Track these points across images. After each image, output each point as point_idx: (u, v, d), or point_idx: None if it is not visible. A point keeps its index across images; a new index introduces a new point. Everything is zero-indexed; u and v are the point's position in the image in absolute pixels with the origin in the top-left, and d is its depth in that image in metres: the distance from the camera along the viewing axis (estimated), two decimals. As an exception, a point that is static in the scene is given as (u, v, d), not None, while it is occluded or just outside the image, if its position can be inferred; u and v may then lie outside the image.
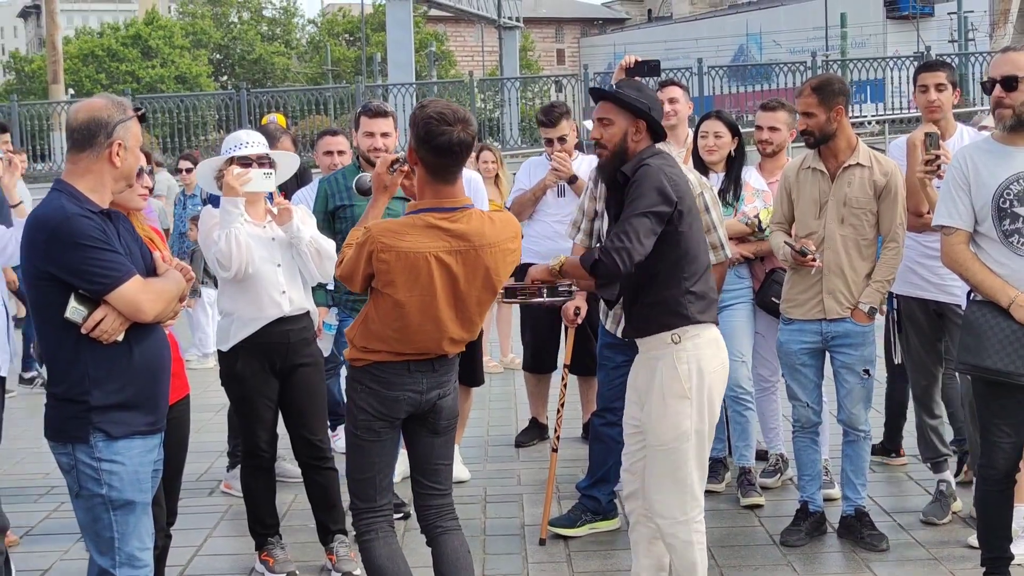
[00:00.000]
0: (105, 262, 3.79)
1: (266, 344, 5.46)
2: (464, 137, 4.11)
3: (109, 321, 3.81)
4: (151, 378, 3.96)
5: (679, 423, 4.57)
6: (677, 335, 4.58)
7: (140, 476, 3.92)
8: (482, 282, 4.24)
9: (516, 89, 29.75)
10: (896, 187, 5.66)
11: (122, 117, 3.91)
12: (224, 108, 27.41)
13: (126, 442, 3.88)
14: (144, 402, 3.93)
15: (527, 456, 7.73)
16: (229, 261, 5.33)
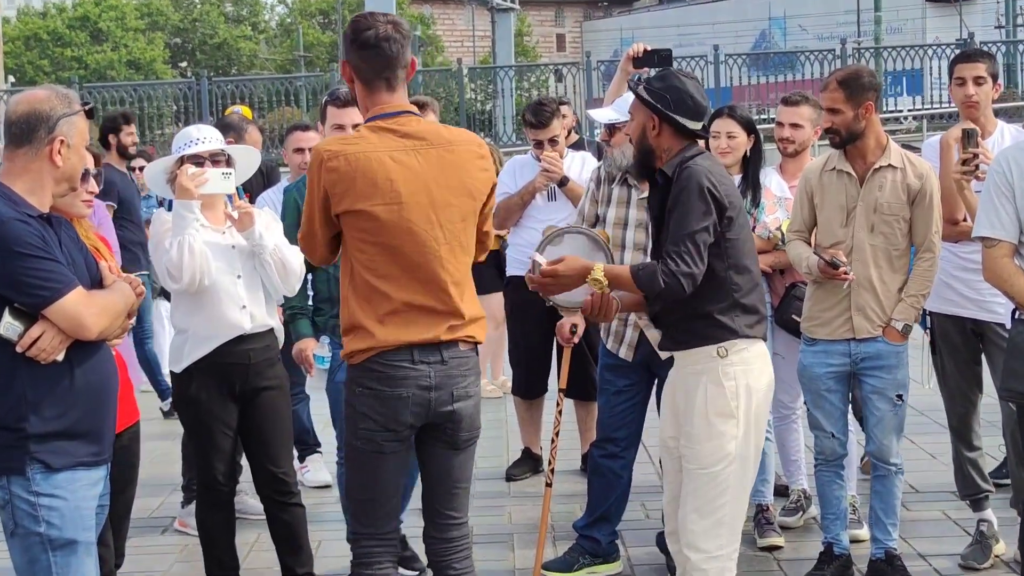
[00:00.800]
0: (44, 272, 3.80)
1: (224, 365, 5.47)
2: (391, 32, 4.24)
3: (48, 338, 3.83)
4: (96, 403, 3.97)
5: (723, 445, 4.63)
6: (724, 348, 4.65)
7: (83, 512, 3.93)
8: (457, 186, 4.28)
9: (511, 79, 29.84)
10: (931, 191, 5.68)
11: (66, 111, 3.94)
12: (183, 98, 27.49)
13: (68, 474, 3.89)
14: (88, 430, 3.94)
15: (519, 491, 7.74)
16: (180, 272, 5.34)
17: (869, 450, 5.86)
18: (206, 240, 5.43)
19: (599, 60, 30.61)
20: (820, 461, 5.95)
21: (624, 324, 6.03)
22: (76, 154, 3.97)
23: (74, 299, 3.84)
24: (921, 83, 28.33)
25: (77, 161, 3.99)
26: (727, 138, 6.53)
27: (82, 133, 3.99)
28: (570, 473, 7.94)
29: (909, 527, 6.50)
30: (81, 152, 4.00)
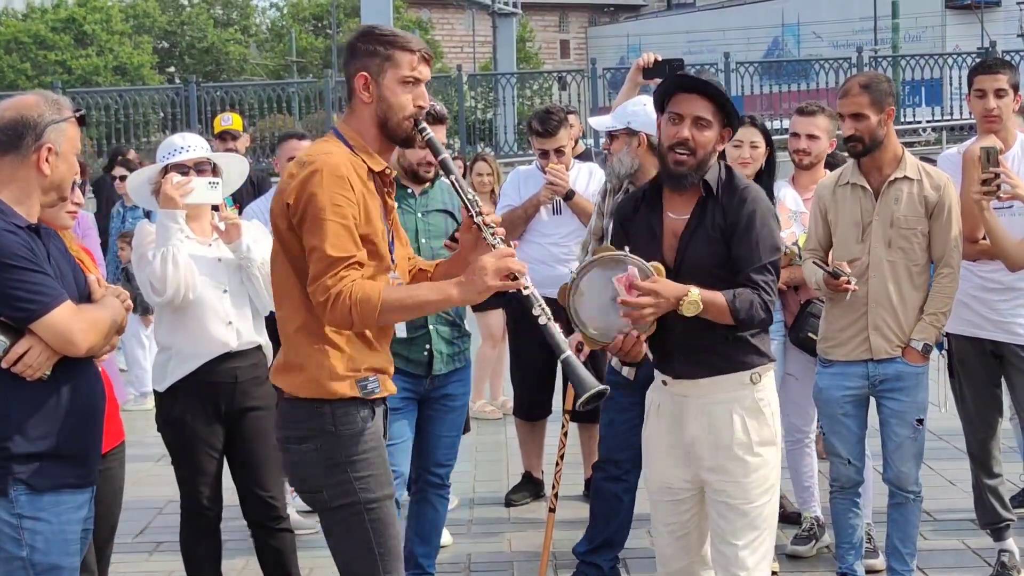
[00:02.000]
0: (32, 285, 3.81)
1: (210, 384, 5.47)
2: None
3: (35, 354, 3.83)
4: (82, 422, 3.98)
5: (767, 475, 4.59)
6: (757, 374, 4.61)
7: (68, 536, 3.93)
8: None
9: (512, 86, 29.84)
10: (950, 203, 5.68)
11: (55, 118, 3.94)
12: (170, 105, 27.46)
13: (52, 497, 3.89)
14: (74, 451, 3.94)
15: (519, 517, 7.73)
16: (163, 285, 5.35)
17: (887, 477, 5.86)
18: (191, 252, 5.44)
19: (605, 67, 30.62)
20: (835, 488, 5.94)
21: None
22: (65, 163, 3.97)
23: (63, 314, 3.84)
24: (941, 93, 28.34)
25: (66, 170, 3.99)
26: (750, 147, 6.54)
27: (72, 141, 3.98)
28: (573, 499, 7.93)
29: (927, 557, 6.50)
30: (70, 161, 4.00)
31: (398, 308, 4.05)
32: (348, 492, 4.12)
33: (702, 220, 4.59)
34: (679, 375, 4.66)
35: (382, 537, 4.14)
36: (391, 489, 4.20)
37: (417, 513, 6.01)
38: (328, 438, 4.11)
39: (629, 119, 5.96)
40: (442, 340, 5.84)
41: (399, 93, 4.14)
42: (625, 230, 4.75)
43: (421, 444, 5.89)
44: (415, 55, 4.15)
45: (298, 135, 7.68)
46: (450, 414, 5.96)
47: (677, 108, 4.59)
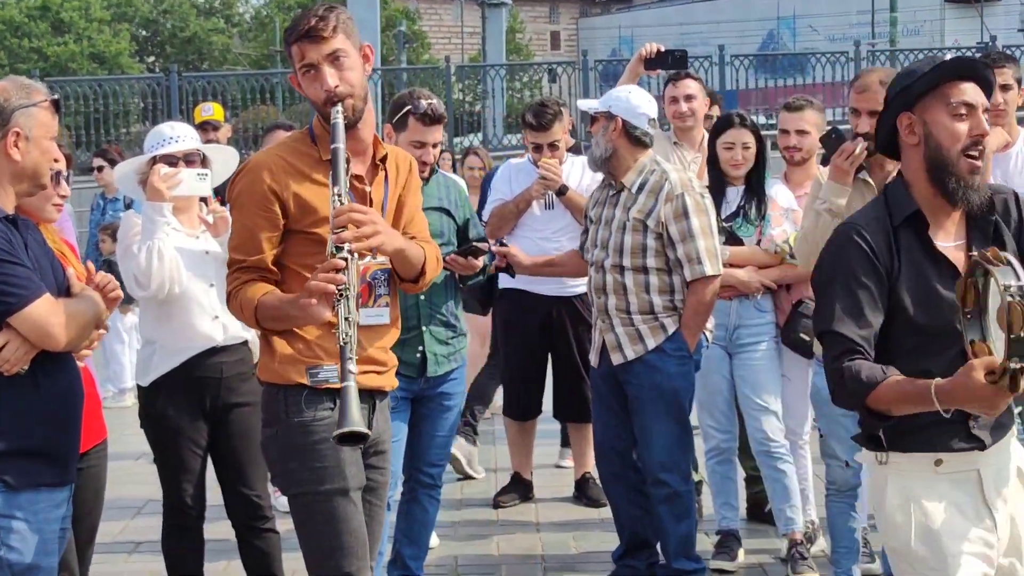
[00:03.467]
0: (9, 278, 3.80)
1: (194, 379, 5.47)
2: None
3: (12, 348, 3.82)
4: (61, 420, 3.97)
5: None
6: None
7: (46, 536, 3.92)
8: None
9: (502, 78, 29.83)
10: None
11: (24, 102, 3.92)
12: (151, 95, 27.34)
13: (30, 495, 3.88)
14: (52, 448, 3.93)
15: (507, 519, 7.73)
16: (148, 279, 5.34)
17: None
18: (178, 245, 5.43)
19: (596, 59, 30.61)
20: (832, 491, 5.96)
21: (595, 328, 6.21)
22: (37, 148, 3.95)
23: (41, 307, 3.83)
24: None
25: (39, 156, 3.96)
26: (742, 149, 6.56)
27: (44, 126, 3.96)
28: (561, 501, 7.95)
29: (925, 562, 6.47)
30: (44, 147, 3.97)
31: (269, 319, 4.06)
32: (299, 481, 4.12)
33: (985, 246, 3.51)
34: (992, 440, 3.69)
35: (333, 531, 4.08)
36: (345, 483, 4.09)
37: (407, 513, 6.01)
38: (283, 425, 4.12)
39: (611, 103, 6.04)
40: (436, 341, 5.84)
41: (306, 87, 4.11)
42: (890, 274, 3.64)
43: (414, 444, 5.90)
44: (297, 45, 4.07)
45: (285, 126, 7.68)
46: (444, 413, 5.97)
47: (963, 97, 3.65)
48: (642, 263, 5.96)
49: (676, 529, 6.04)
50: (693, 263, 5.88)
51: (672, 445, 6.00)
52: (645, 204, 5.95)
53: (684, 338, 5.96)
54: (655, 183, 5.97)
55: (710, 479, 6.81)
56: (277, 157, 4.14)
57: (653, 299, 5.97)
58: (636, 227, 5.96)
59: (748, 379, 6.53)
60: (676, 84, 7.26)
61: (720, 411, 6.64)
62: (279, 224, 4.09)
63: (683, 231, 5.88)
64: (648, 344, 5.96)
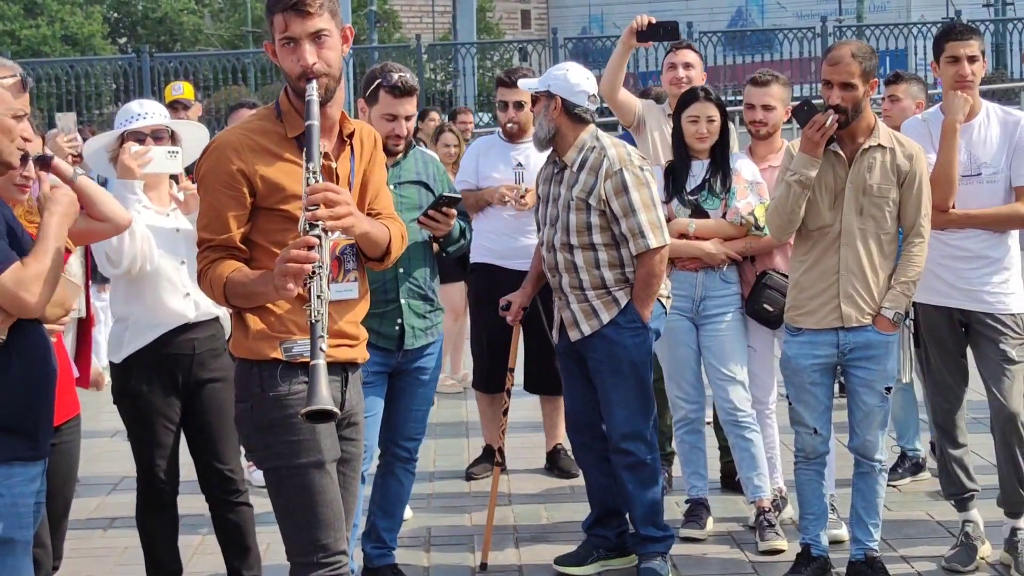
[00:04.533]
0: None
1: (167, 356, 5.46)
2: None
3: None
4: (34, 394, 3.96)
5: None
6: None
7: (20, 510, 3.92)
8: None
9: (473, 56, 29.80)
10: (920, 172, 5.73)
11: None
12: (123, 76, 27.26)
13: (3, 469, 3.89)
14: (25, 422, 3.93)
15: (480, 491, 7.73)
16: (120, 256, 5.32)
17: (852, 445, 5.90)
18: (148, 223, 5.41)
19: (566, 37, 30.59)
20: (800, 459, 5.98)
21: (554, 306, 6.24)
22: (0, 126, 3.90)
23: (11, 276, 3.82)
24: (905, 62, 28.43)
25: (2, 134, 3.92)
26: (707, 122, 6.57)
27: (4, 102, 3.92)
28: (533, 472, 7.97)
29: (891, 528, 6.54)
30: (4, 123, 3.92)
31: (237, 296, 4.05)
32: (274, 455, 4.12)
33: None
34: None
35: (309, 504, 4.08)
36: (320, 456, 4.09)
37: (382, 486, 6.02)
38: (257, 400, 4.11)
39: (550, 82, 6.05)
40: (414, 314, 5.83)
41: (283, 58, 4.06)
42: None
43: (391, 417, 5.89)
44: (282, 15, 3.99)
45: (249, 104, 7.66)
46: (421, 388, 5.96)
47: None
48: (589, 240, 5.96)
49: (642, 497, 6.06)
50: (637, 237, 5.89)
51: (634, 415, 6.02)
52: (586, 182, 5.95)
53: (637, 310, 5.98)
54: (595, 160, 5.96)
55: (679, 449, 6.84)
56: (242, 135, 4.11)
57: (604, 274, 5.97)
58: (579, 206, 5.96)
59: (714, 350, 6.55)
60: (676, 52, 7.31)
61: (688, 382, 6.66)
62: (246, 203, 4.07)
63: (624, 206, 5.88)
64: (603, 318, 5.98)
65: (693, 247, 6.45)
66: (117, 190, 5.40)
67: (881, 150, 5.73)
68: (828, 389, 5.93)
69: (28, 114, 4.05)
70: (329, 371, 3.94)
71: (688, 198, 6.54)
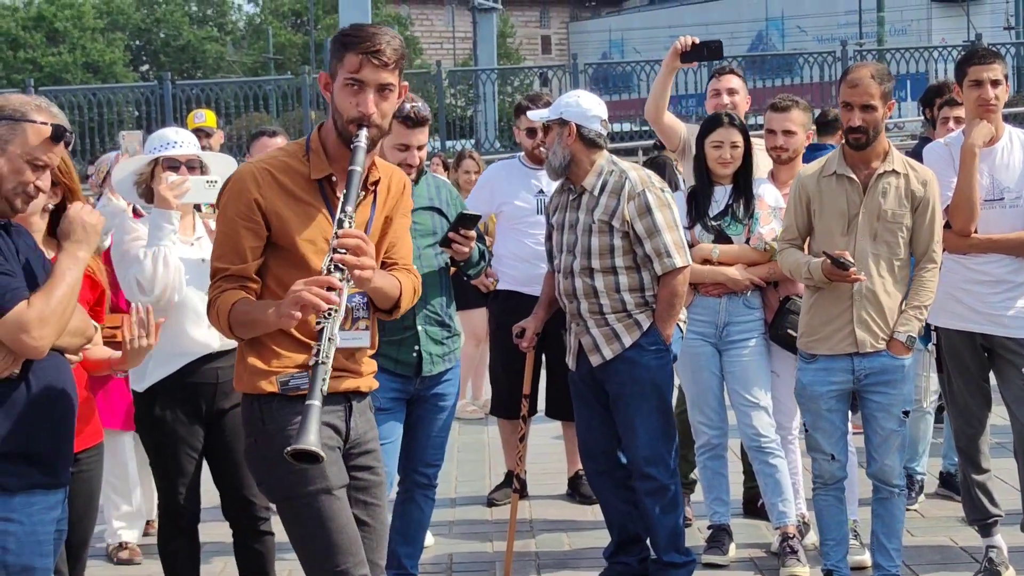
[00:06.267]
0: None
1: (190, 384, 5.47)
2: None
3: (1, 353, 3.82)
4: (53, 422, 3.96)
5: None
6: None
7: (40, 537, 3.93)
8: None
9: (493, 82, 29.87)
10: (934, 198, 5.73)
11: (13, 115, 3.89)
12: (144, 103, 27.41)
13: (24, 497, 3.89)
14: (45, 451, 3.93)
15: (502, 517, 7.72)
16: (152, 284, 5.34)
17: (871, 472, 5.89)
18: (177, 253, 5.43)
19: (587, 63, 30.68)
20: (819, 485, 5.97)
21: (568, 332, 6.20)
22: (9, 164, 3.89)
23: (15, 315, 3.80)
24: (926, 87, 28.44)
25: (8, 170, 3.89)
26: (731, 148, 6.56)
27: (25, 145, 3.89)
28: (555, 498, 7.95)
29: (914, 553, 6.53)
30: (16, 165, 3.89)
31: (239, 324, 4.07)
32: (283, 487, 4.13)
33: None
34: None
35: (323, 531, 4.10)
36: (327, 483, 4.10)
37: (402, 513, 6.02)
38: (260, 434, 4.15)
39: (562, 109, 6.05)
40: (431, 341, 5.84)
41: (342, 96, 4.07)
42: None
43: (410, 444, 5.90)
44: (359, 56, 4.02)
45: (269, 132, 7.67)
46: (440, 414, 5.96)
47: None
48: (611, 264, 5.97)
49: (664, 522, 6.06)
50: (663, 257, 5.90)
51: (656, 439, 6.02)
52: (608, 205, 5.96)
53: (659, 331, 5.98)
54: (615, 183, 5.98)
55: (701, 475, 6.82)
56: (265, 171, 4.12)
57: (625, 298, 5.98)
58: (602, 228, 5.97)
59: (738, 375, 6.54)
60: (720, 78, 7.31)
61: (711, 408, 6.65)
62: (263, 235, 4.09)
63: (649, 227, 5.90)
64: (624, 342, 5.98)
65: (717, 272, 6.45)
66: (153, 219, 5.43)
67: (895, 175, 5.73)
68: (844, 415, 5.92)
69: (52, 166, 4.01)
70: (330, 401, 4.01)
71: (711, 224, 6.54)
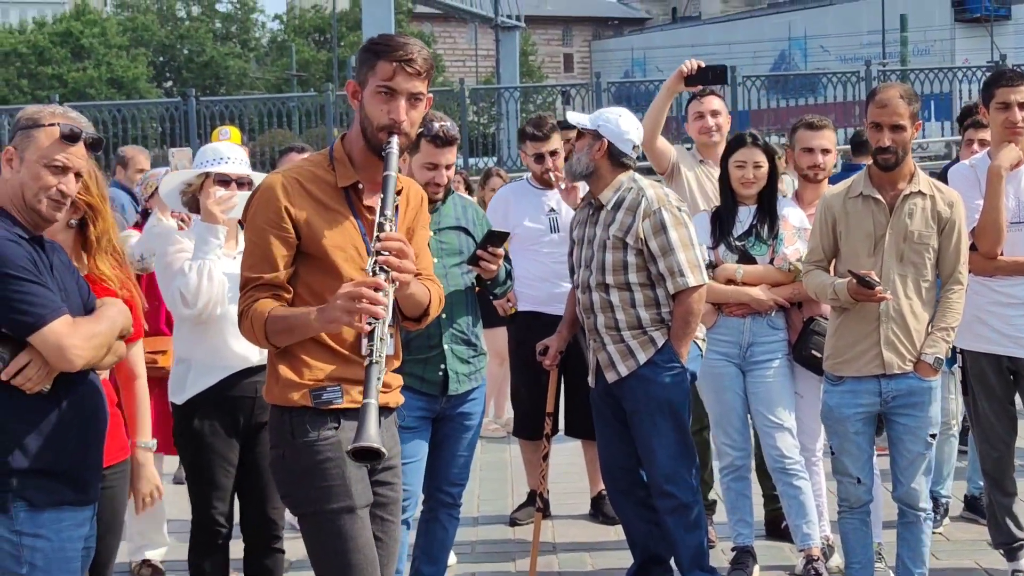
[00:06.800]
0: (32, 297, 3.81)
1: (230, 398, 5.47)
2: None
3: (34, 367, 3.83)
4: (83, 438, 3.98)
5: None
6: None
7: (68, 554, 3.94)
8: None
9: (516, 100, 29.91)
10: (959, 220, 5.72)
11: (28, 123, 3.92)
12: (168, 119, 27.52)
13: (53, 514, 3.90)
14: (74, 467, 3.94)
15: (524, 537, 7.71)
16: (196, 297, 5.37)
17: (897, 495, 5.86)
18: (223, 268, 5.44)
19: (609, 81, 30.72)
20: (844, 508, 5.94)
21: (587, 348, 6.20)
22: (28, 172, 3.91)
23: (59, 328, 3.84)
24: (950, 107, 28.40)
25: (28, 177, 3.91)
26: (754, 168, 6.54)
27: (38, 148, 3.90)
28: (578, 518, 7.93)
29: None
30: (35, 171, 3.90)
31: (277, 332, 4.07)
32: (306, 501, 4.15)
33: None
34: None
35: (341, 550, 4.10)
36: (352, 501, 4.12)
37: (427, 532, 6.01)
38: (288, 446, 4.15)
39: (600, 123, 6.05)
40: (457, 359, 5.84)
41: (373, 103, 4.10)
42: None
43: (434, 463, 5.89)
44: (392, 64, 4.06)
45: (298, 148, 7.69)
46: (465, 433, 5.96)
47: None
48: (625, 280, 5.97)
49: (687, 541, 6.03)
50: (675, 276, 5.89)
51: (674, 457, 6.00)
52: (623, 221, 5.96)
53: (674, 349, 5.97)
54: (632, 200, 5.98)
55: (725, 496, 6.80)
56: (293, 180, 4.14)
57: (640, 314, 5.97)
58: (616, 245, 5.97)
59: (762, 396, 6.52)
60: (701, 100, 7.26)
61: (734, 428, 6.62)
62: (293, 243, 4.10)
63: (663, 245, 5.89)
64: (639, 359, 5.97)
65: (741, 293, 6.44)
66: (199, 233, 5.46)
67: (921, 196, 5.72)
68: (870, 438, 5.90)
69: (74, 168, 4.01)
70: (317, 416, 4.07)
71: (735, 244, 6.53)
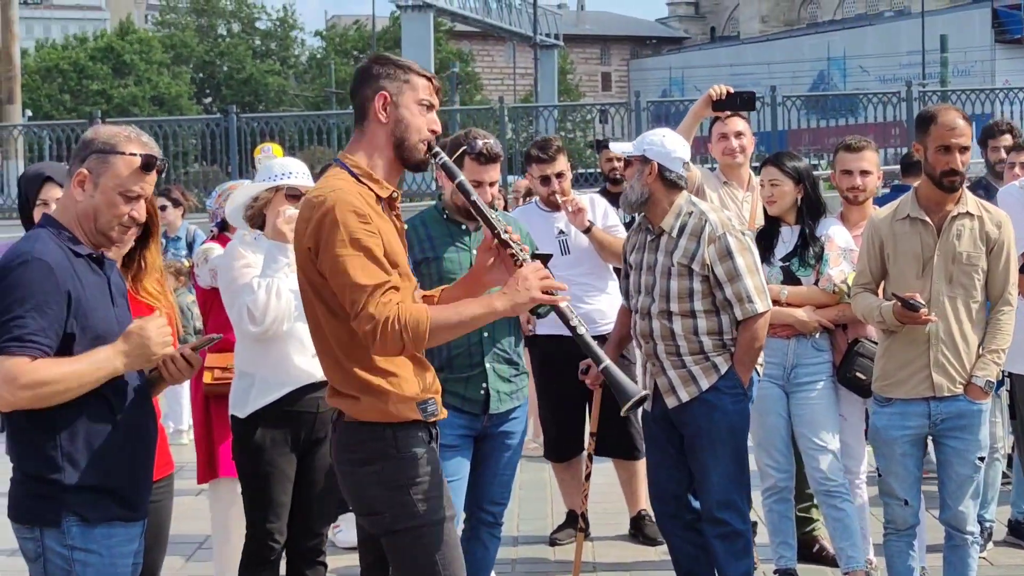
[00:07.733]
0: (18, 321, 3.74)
1: (292, 413, 5.49)
2: None
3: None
4: (135, 455, 3.99)
5: None
6: None
7: (118, 570, 3.95)
8: None
9: (554, 118, 29.93)
10: (1009, 240, 5.69)
11: (105, 147, 3.94)
12: (209, 136, 27.61)
13: (105, 529, 3.91)
14: (126, 483, 3.96)
15: (564, 557, 7.70)
16: (264, 315, 5.39)
17: (943, 518, 5.82)
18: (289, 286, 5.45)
19: (648, 100, 30.67)
20: (891, 531, 5.90)
21: (644, 371, 6.13)
22: (102, 196, 3.92)
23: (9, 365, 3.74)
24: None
25: (102, 205, 3.93)
26: (770, 186, 6.56)
27: (117, 177, 3.92)
28: (618, 539, 7.90)
29: (984, 603, 6.44)
30: (110, 198, 3.92)
31: (446, 327, 4.08)
32: (411, 515, 4.19)
33: None
34: None
35: (447, 559, 4.21)
36: (452, 511, 4.27)
37: (467, 551, 5.95)
38: (390, 461, 4.20)
39: (645, 147, 6.00)
40: (499, 378, 5.83)
41: (417, 114, 4.25)
42: None
43: (476, 481, 5.88)
44: (429, 82, 4.30)
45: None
46: (506, 452, 5.95)
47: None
48: (689, 307, 5.89)
49: (735, 568, 5.98)
50: (744, 302, 5.83)
51: (729, 483, 5.95)
52: (687, 248, 5.89)
53: (738, 375, 5.92)
54: (695, 225, 5.91)
55: (767, 518, 6.76)
56: (354, 191, 4.17)
57: (703, 340, 5.91)
58: (681, 272, 5.89)
59: (806, 418, 6.48)
60: (726, 121, 7.23)
61: (778, 450, 6.58)
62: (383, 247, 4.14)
63: (730, 271, 5.82)
64: (702, 385, 5.91)
65: (785, 314, 6.41)
66: (268, 251, 5.47)
67: (969, 217, 5.69)
68: (918, 460, 5.86)
69: (145, 196, 4.04)
70: (418, 429, 4.23)
71: (779, 264, 6.51)
